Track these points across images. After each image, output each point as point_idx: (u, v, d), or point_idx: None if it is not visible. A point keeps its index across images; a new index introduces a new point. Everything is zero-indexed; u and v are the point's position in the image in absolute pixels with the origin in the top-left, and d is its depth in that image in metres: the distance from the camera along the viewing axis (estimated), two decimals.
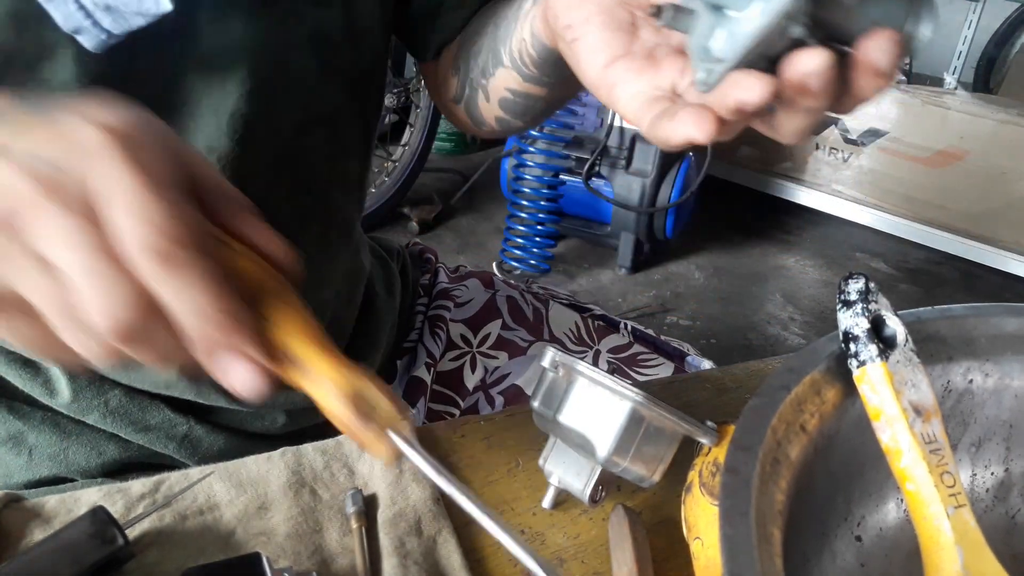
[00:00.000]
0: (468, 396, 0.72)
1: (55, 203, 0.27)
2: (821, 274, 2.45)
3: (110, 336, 0.27)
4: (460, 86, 0.60)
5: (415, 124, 2.46)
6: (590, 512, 0.48)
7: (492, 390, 0.72)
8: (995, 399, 0.43)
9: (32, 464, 0.55)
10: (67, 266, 0.27)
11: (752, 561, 0.29)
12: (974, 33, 2.92)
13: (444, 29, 0.60)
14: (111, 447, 0.56)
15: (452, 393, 0.71)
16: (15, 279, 0.28)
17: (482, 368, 0.72)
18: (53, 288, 0.27)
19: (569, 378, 0.44)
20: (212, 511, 0.45)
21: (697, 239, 2.53)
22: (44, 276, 0.27)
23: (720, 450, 0.43)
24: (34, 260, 0.27)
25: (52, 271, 0.27)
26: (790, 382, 0.37)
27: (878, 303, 0.38)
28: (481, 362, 0.73)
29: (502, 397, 0.72)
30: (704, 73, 0.31)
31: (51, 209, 0.27)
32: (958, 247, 2.45)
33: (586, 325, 0.77)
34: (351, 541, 0.44)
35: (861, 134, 2.52)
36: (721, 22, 0.30)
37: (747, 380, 0.60)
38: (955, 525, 0.36)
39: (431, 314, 0.74)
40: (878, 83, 0.31)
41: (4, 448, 0.55)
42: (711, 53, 0.30)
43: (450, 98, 0.62)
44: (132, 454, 0.57)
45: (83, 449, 0.55)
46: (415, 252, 0.82)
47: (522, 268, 2.18)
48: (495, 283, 0.78)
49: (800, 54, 0.29)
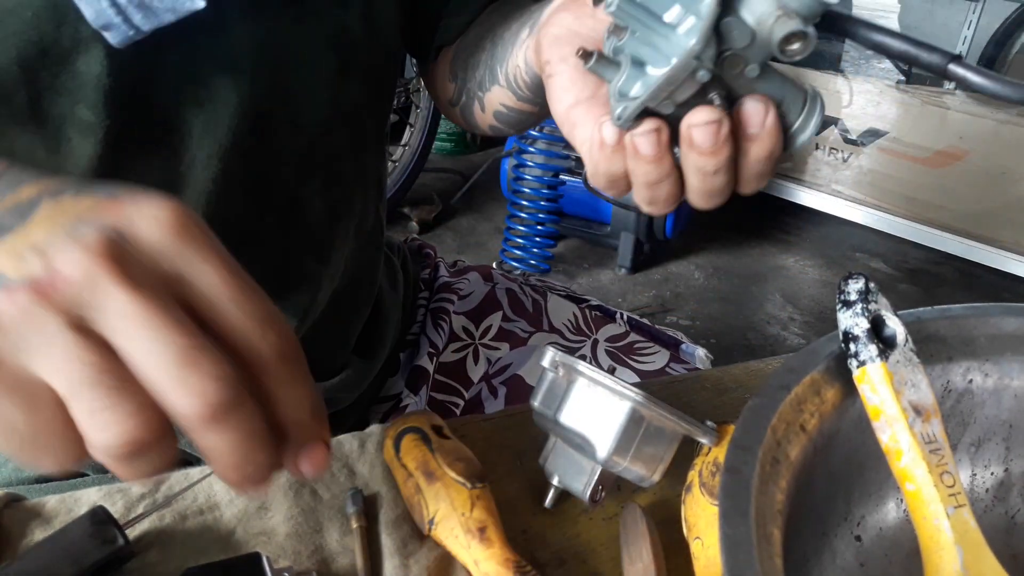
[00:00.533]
0: (472, 387, 0.72)
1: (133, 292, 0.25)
2: (821, 274, 2.45)
3: (202, 411, 0.25)
4: (458, 92, 0.62)
5: (415, 124, 2.46)
6: (590, 512, 0.48)
7: (495, 380, 0.73)
8: (995, 399, 0.43)
9: None
10: (143, 353, 0.25)
11: (752, 561, 0.29)
12: (974, 33, 2.92)
13: (446, 31, 0.62)
14: None
15: (456, 384, 0.72)
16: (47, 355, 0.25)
17: (485, 360, 0.73)
18: (109, 363, 0.25)
19: (569, 378, 0.44)
20: (212, 511, 0.45)
21: (697, 239, 2.53)
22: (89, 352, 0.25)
23: (720, 450, 0.43)
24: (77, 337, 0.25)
25: (107, 350, 0.25)
26: (790, 382, 0.37)
27: (878, 303, 0.38)
28: (484, 354, 0.74)
29: (505, 387, 0.73)
30: (620, 110, 0.34)
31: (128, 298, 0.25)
32: (958, 247, 2.44)
33: (584, 315, 0.78)
34: (351, 541, 0.44)
35: (861, 134, 2.52)
36: (638, 73, 0.34)
37: (747, 380, 0.60)
38: (955, 525, 0.36)
39: (433, 307, 0.75)
40: (756, 150, 0.35)
41: None
42: (627, 95, 0.34)
43: (447, 100, 0.64)
44: None
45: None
46: (414, 248, 0.83)
47: (522, 268, 2.18)
48: (494, 276, 0.80)
49: (696, 109, 0.34)
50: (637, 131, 0.34)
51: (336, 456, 0.49)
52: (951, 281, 2.47)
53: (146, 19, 0.40)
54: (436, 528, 0.43)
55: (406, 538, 0.44)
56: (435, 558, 0.44)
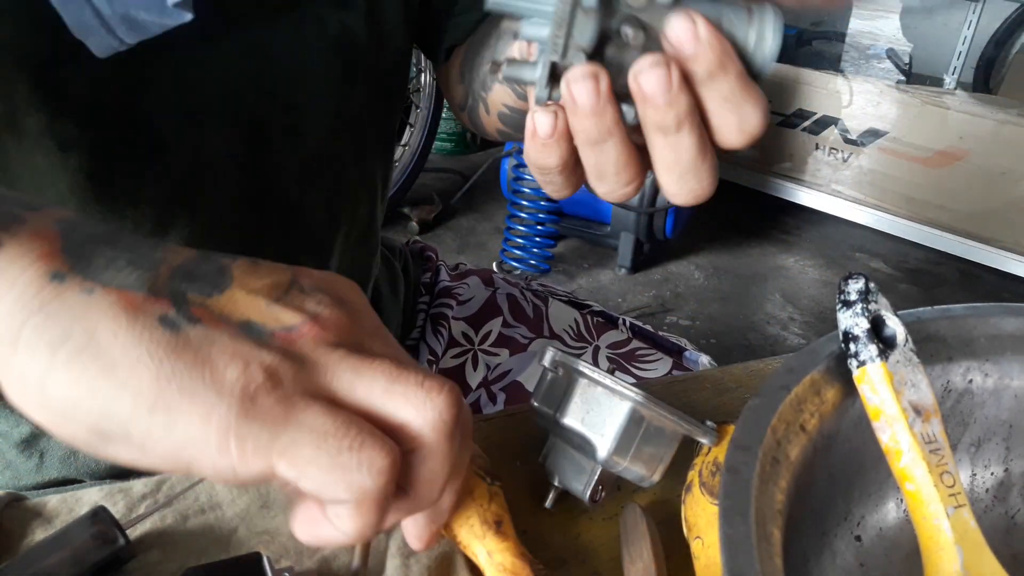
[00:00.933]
0: (471, 393, 0.72)
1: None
2: (821, 274, 2.45)
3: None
4: (464, 95, 0.60)
5: (415, 124, 2.46)
6: (590, 512, 0.48)
7: (494, 387, 0.72)
8: (995, 399, 0.43)
9: (43, 467, 0.55)
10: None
11: (752, 561, 0.29)
12: (974, 33, 2.91)
13: (456, 30, 0.60)
14: None
15: None
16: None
17: (484, 365, 0.73)
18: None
19: (569, 378, 0.44)
20: (214, 510, 0.45)
21: (697, 239, 2.53)
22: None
23: (720, 450, 0.43)
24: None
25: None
26: (790, 382, 0.37)
27: (878, 303, 0.38)
28: (483, 359, 0.73)
29: (504, 394, 0.72)
30: (537, 88, 0.32)
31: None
32: (958, 247, 2.45)
33: (585, 321, 0.77)
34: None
35: (861, 134, 2.52)
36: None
37: (747, 380, 0.60)
38: (955, 525, 0.36)
39: (433, 312, 0.74)
40: (707, 74, 0.30)
41: (16, 451, 0.55)
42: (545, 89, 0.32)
43: (458, 104, 0.62)
44: None
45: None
46: (416, 250, 0.82)
47: (522, 268, 2.18)
48: (495, 281, 0.79)
49: (641, 57, 0.30)
50: (572, 77, 0.30)
51: None
52: (951, 281, 2.47)
53: (131, 31, 0.39)
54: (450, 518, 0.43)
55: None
56: (436, 558, 0.44)
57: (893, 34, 2.75)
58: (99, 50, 0.40)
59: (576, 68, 0.31)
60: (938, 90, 2.48)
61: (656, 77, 0.30)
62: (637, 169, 0.33)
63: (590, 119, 0.31)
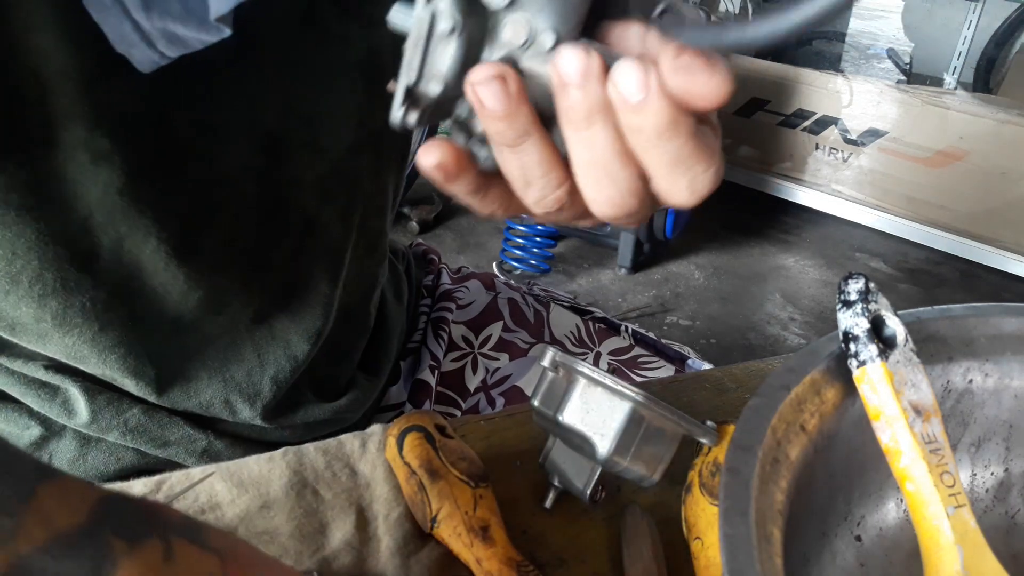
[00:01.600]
0: (469, 397, 0.72)
1: None
2: (821, 274, 2.46)
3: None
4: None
5: None
6: (590, 512, 0.48)
7: (493, 391, 0.72)
8: (995, 399, 0.43)
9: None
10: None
11: (752, 561, 0.29)
12: (974, 33, 2.92)
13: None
14: (129, 455, 0.56)
15: (454, 394, 0.71)
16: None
17: (483, 369, 0.73)
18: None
19: (569, 378, 0.44)
20: (214, 511, 0.45)
21: (697, 239, 2.53)
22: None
23: (720, 450, 0.43)
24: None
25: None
26: (790, 382, 0.37)
27: (878, 303, 0.38)
28: (482, 363, 0.73)
29: (503, 398, 0.72)
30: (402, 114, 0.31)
31: None
32: (958, 247, 2.45)
33: (587, 327, 0.77)
34: (353, 541, 0.44)
35: (861, 134, 2.52)
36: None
37: (747, 380, 0.60)
38: (955, 525, 0.36)
39: (434, 316, 0.74)
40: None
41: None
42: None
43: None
44: (150, 461, 0.56)
45: (102, 456, 0.55)
46: (419, 253, 0.82)
47: (522, 268, 2.18)
48: (496, 285, 0.79)
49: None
50: (476, 80, 0.29)
51: (337, 456, 0.49)
52: (951, 281, 2.48)
53: (171, 46, 0.39)
54: (439, 526, 0.43)
55: (407, 537, 0.44)
56: (436, 558, 0.44)
57: (893, 34, 2.76)
58: (142, 64, 0.39)
59: (480, 69, 0.29)
60: (938, 90, 2.48)
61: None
62: (565, 170, 0.32)
63: (501, 121, 0.30)
